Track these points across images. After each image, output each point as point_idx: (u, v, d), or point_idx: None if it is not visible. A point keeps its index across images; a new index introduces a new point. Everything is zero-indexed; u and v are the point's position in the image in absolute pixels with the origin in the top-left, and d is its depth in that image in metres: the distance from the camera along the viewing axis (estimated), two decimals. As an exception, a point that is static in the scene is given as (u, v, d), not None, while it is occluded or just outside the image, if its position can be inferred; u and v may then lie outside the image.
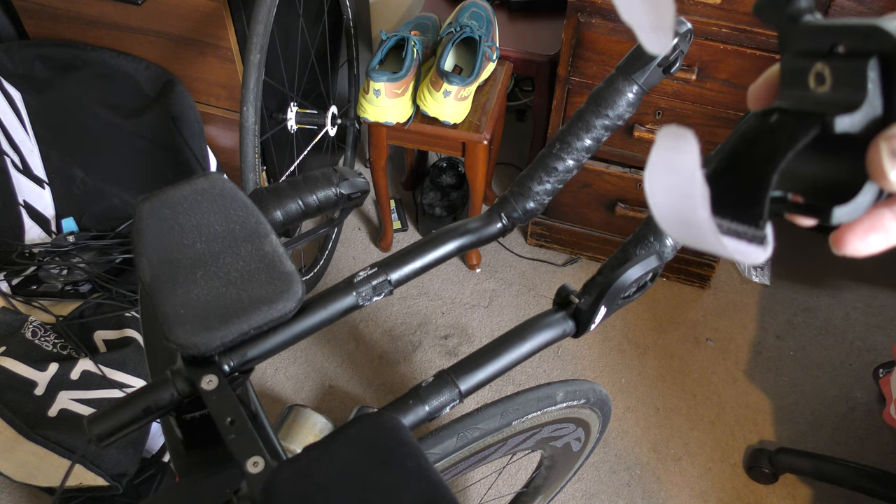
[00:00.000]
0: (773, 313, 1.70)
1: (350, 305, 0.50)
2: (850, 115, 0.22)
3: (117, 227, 1.56)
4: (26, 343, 1.25)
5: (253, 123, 1.19)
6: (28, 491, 1.38)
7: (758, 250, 0.24)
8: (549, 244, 1.80)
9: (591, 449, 0.97)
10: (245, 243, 0.49)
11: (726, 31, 1.24)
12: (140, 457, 1.21)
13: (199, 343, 0.44)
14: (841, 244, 0.23)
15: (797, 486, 1.43)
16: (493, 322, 1.68)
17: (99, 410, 0.44)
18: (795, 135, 0.23)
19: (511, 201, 0.57)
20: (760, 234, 0.24)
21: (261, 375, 1.59)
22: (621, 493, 1.43)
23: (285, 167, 1.61)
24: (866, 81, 0.22)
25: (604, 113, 0.54)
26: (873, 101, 0.22)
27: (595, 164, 1.55)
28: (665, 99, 1.39)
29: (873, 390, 1.56)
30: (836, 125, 0.22)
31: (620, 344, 1.65)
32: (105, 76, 1.50)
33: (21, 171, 1.50)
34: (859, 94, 0.22)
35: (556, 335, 0.51)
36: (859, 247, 0.23)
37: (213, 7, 1.35)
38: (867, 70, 0.22)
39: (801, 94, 0.24)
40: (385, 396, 1.56)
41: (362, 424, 0.41)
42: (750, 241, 0.24)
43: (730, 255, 0.24)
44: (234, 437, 0.41)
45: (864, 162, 0.22)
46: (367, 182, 0.59)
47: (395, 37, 1.44)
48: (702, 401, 1.55)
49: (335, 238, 1.79)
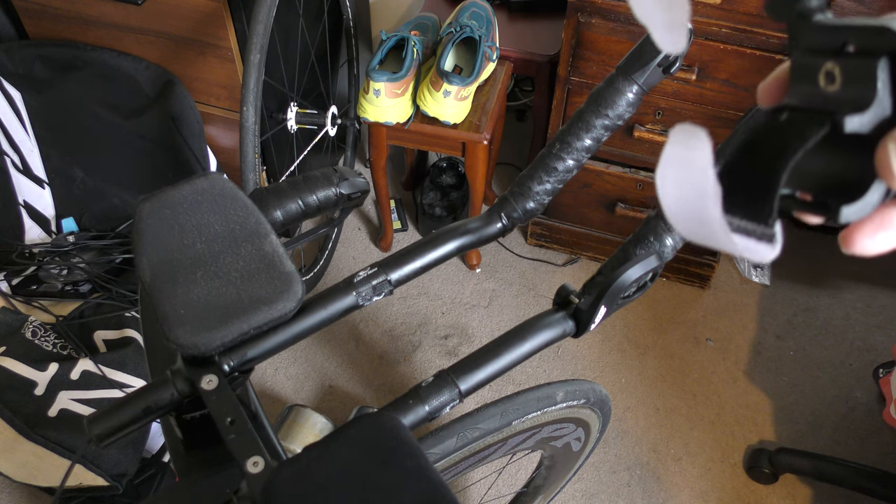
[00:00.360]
0: (773, 313, 1.70)
1: (350, 305, 0.50)
2: (860, 114, 0.22)
3: (117, 227, 1.56)
4: (26, 343, 1.25)
5: (253, 123, 1.19)
6: (28, 491, 1.38)
7: (767, 248, 0.24)
8: (549, 244, 1.80)
9: (591, 449, 0.97)
10: (245, 243, 0.49)
11: (726, 31, 1.24)
12: (140, 457, 1.21)
13: (199, 343, 0.44)
14: (850, 242, 0.23)
15: (797, 486, 1.43)
16: (493, 322, 1.68)
17: (99, 410, 0.44)
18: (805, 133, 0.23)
19: (511, 201, 0.57)
20: (770, 232, 0.24)
21: (261, 375, 1.59)
22: (621, 493, 1.43)
23: (285, 167, 1.61)
24: (876, 81, 0.22)
25: (604, 113, 0.54)
26: (883, 101, 0.22)
27: (595, 164, 1.55)
28: (665, 99, 1.39)
29: (873, 390, 1.56)
30: (846, 125, 0.22)
31: (620, 344, 1.65)
32: (105, 76, 1.50)
33: (21, 171, 1.50)
34: (869, 93, 0.22)
35: (556, 335, 0.51)
36: (868, 245, 0.23)
37: (213, 7, 1.35)
38: (877, 70, 0.22)
39: (812, 91, 0.24)
40: (385, 396, 1.56)
41: (362, 424, 0.41)
42: (759, 238, 0.24)
43: (739, 252, 0.24)
44: (234, 437, 0.41)
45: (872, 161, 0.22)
46: (367, 182, 0.59)
47: (395, 37, 1.44)
48: (702, 401, 1.55)
49: (335, 238, 1.79)
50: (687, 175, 0.22)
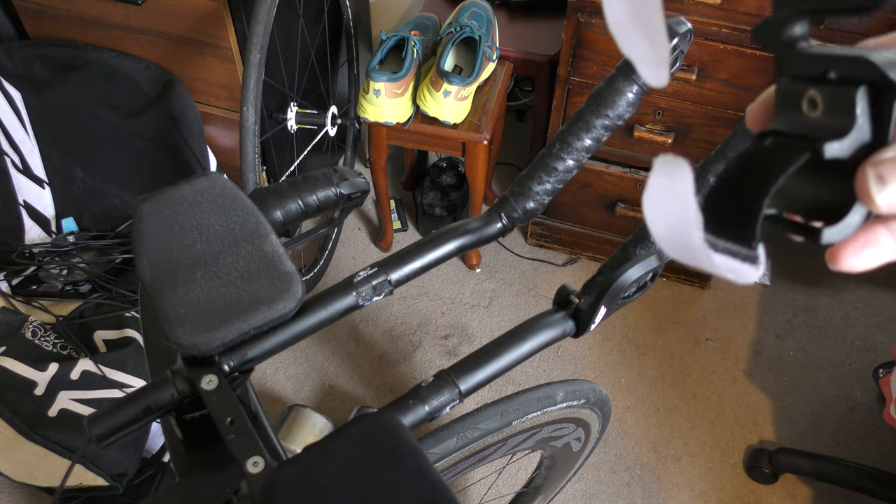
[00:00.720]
0: (773, 313, 1.70)
1: (350, 305, 0.50)
2: (840, 140, 0.23)
3: (117, 227, 1.56)
4: (26, 343, 1.25)
5: (253, 123, 1.19)
6: (28, 491, 1.38)
7: (750, 269, 0.25)
8: (549, 244, 1.80)
9: (591, 449, 0.97)
10: (245, 243, 0.49)
11: (726, 31, 1.24)
12: (140, 457, 1.21)
13: (199, 343, 0.44)
14: (836, 260, 0.24)
15: (797, 486, 1.43)
16: (493, 322, 1.68)
17: (99, 410, 0.44)
18: (788, 159, 0.24)
19: (511, 201, 0.57)
20: (753, 254, 0.25)
21: (261, 375, 1.59)
22: (621, 493, 1.43)
23: (285, 167, 1.61)
24: (855, 108, 0.23)
25: (604, 113, 0.54)
26: (862, 128, 0.23)
27: (595, 164, 1.55)
28: (665, 99, 1.39)
29: (873, 390, 1.56)
30: (825, 151, 0.23)
31: (620, 344, 1.65)
32: (105, 76, 1.50)
33: (21, 171, 1.50)
34: (848, 120, 0.23)
35: (556, 335, 0.51)
36: (854, 262, 0.24)
37: (213, 7, 1.35)
38: (856, 98, 0.23)
39: (796, 117, 0.25)
40: (385, 396, 1.56)
41: (362, 424, 0.41)
42: (743, 260, 0.25)
43: (723, 274, 0.25)
44: (234, 437, 0.41)
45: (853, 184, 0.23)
46: (367, 182, 0.59)
47: (395, 37, 1.44)
48: (702, 401, 1.55)
49: (335, 238, 1.79)
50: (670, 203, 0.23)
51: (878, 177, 0.22)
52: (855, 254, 0.24)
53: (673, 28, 0.52)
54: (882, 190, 0.22)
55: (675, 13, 1.25)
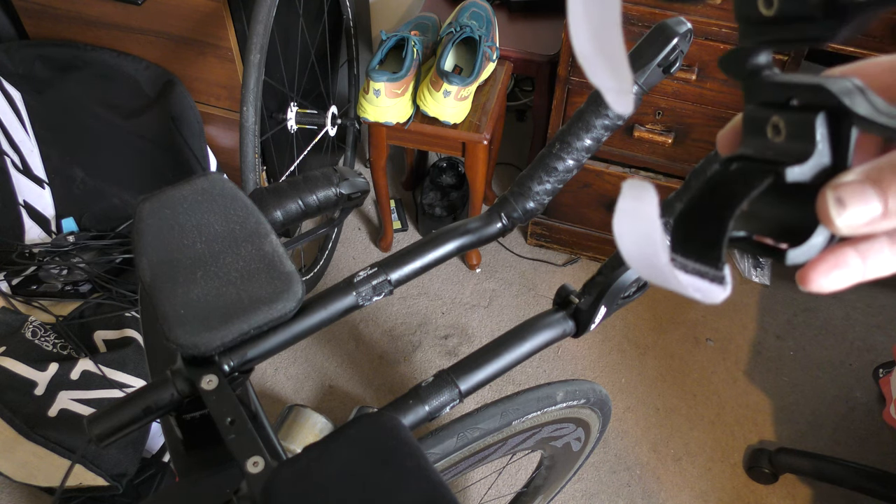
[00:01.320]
0: (773, 313, 1.70)
1: (350, 305, 0.50)
2: (801, 165, 0.24)
3: (117, 227, 1.56)
4: (26, 343, 1.25)
5: (253, 123, 1.19)
6: (28, 491, 1.38)
7: (718, 289, 0.26)
8: (549, 244, 1.80)
9: (591, 449, 0.97)
10: (245, 243, 0.49)
11: (726, 31, 1.24)
12: (140, 457, 1.21)
13: (199, 343, 0.44)
14: (806, 281, 0.25)
15: (797, 486, 1.43)
16: (493, 322, 1.68)
17: (99, 410, 0.44)
18: (752, 183, 0.25)
19: (511, 201, 0.57)
20: (720, 275, 0.26)
21: (261, 375, 1.59)
22: (621, 493, 1.43)
23: (285, 167, 1.61)
24: (815, 134, 0.24)
25: (604, 113, 0.54)
26: (822, 152, 0.24)
27: (595, 164, 1.55)
28: (665, 99, 1.39)
29: (873, 390, 1.56)
30: (787, 175, 0.24)
31: (620, 344, 1.65)
32: (105, 76, 1.50)
33: (21, 171, 1.50)
34: (809, 145, 0.24)
35: (556, 335, 0.51)
36: (823, 283, 0.25)
37: (213, 7, 1.35)
38: (815, 124, 0.24)
39: (761, 143, 0.26)
40: (385, 396, 1.56)
41: (362, 424, 0.41)
42: (711, 280, 0.26)
43: (690, 294, 0.25)
44: (234, 437, 0.41)
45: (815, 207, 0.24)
46: (367, 182, 0.59)
47: (395, 37, 1.44)
48: (702, 401, 1.55)
49: (335, 238, 1.79)
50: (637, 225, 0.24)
51: (837, 200, 0.23)
52: (824, 275, 0.24)
53: (673, 28, 0.52)
54: (842, 213, 0.23)
55: (675, 13, 1.25)
